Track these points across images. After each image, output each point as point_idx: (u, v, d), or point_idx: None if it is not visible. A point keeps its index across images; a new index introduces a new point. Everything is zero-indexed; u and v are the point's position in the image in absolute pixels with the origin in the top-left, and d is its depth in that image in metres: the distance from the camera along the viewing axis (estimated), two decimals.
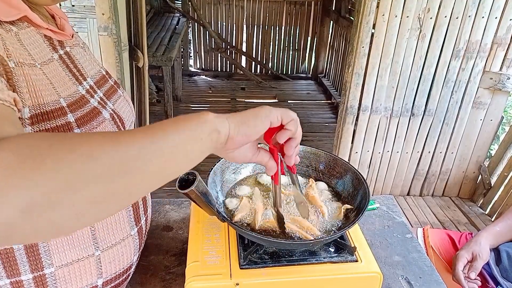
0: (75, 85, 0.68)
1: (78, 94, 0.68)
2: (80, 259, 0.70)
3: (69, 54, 0.72)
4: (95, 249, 0.71)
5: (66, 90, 0.65)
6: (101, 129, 0.69)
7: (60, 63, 0.67)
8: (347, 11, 4.31)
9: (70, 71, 0.70)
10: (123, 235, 0.76)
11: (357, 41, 2.20)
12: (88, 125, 0.66)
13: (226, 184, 0.93)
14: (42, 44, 0.64)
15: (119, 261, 0.77)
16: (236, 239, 0.83)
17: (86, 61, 0.77)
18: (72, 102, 0.65)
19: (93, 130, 0.66)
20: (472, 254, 1.25)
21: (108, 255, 0.74)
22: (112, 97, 0.81)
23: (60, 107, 0.62)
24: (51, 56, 0.65)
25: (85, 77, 0.74)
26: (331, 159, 0.95)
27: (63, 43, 0.71)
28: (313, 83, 5.25)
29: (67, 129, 0.62)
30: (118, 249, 0.76)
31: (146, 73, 2.18)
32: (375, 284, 0.79)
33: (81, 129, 0.64)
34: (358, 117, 2.42)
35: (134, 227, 0.80)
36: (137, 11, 2.07)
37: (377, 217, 1.20)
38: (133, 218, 0.79)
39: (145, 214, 0.86)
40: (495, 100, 2.41)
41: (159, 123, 0.49)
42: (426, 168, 2.63)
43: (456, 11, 2.17)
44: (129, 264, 0.81)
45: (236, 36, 5.14)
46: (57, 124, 0.61)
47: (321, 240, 0.76)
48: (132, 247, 0.80)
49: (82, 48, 0.79)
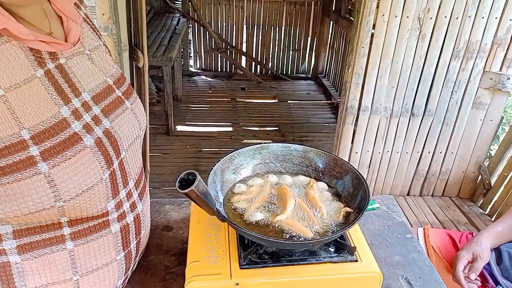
0: (57, 106, 0.62)
1: (57, 118, 0.62)
2: (57, 282, 0.67)
3: (62, 67, 0.65)
4: (73, 273, 0.68)
5: (39, 116, 0.59)
6: (77, 159, 0.62)
7: (44, 80, 0.62)
8: (347, 11, 4.31)
9: (57, 88, 0.63)
10: (107, 260, 0.73)
11: (357, 41, 2.20)
12: (58, 156, 0.60)
13: (226, 184, 0.93)
14: (23, 61, 0.59)
15: (100, 286, 0.73)
16: (236, 239, 0.83)
17: (86, 72, 0.71)
18: (42, 130, 0.59)
19: (65, 161, 0.60)
20: (473, 255, 1.25)
21: (88, 279, 0.70)
22: (113, 112, 0.74)
23: (20, 141, 0.56)
24: (32, 74, 0.60)
25: (79, 93, 0.68)
26: (331, 159, 0.96)
27: (57, 54, 0.65)
28: (313, 83, 5.25)
29: (28, 164, 0.57)
30: (99, 274, 0.72)
31: (146, 73, 2.18)
32: (375, 284, 0.79)
33: (48, 161, 0.59)
34: (358, 117, 2.41)
35: (120, 252, 0.75)
36: (137, 11, 2.07)
37: (377, 217, 1.20)
38: (121, 243, 0.75)
39: (137, 237, 0.81)
40: (495, 100, 2.41)
41: None
42: (426, 168, 2.63)
43: (456, 11, 2.17)
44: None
45: (236, 36, 5.14)
46: (15, 160, 0.56)
47: (321, 240, 0.77)
48: (116, 272, 0.76)
49: (86, 56, 0.73)
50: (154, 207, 1.19)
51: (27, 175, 0.57)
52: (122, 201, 0.75)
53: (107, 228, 0.73)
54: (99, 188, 0.67)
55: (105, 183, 0.68)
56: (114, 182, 0.71)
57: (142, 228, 0.83)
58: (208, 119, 4.07)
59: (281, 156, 0.99)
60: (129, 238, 0.78)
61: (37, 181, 0.58)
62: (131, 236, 0.78)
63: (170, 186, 2.84)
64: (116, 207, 0.73)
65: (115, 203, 0.73)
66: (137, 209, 0.80)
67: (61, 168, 0.60)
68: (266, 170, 0.98)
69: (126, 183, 0.75)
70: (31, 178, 0.57)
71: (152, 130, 3.58)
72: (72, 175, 0.61)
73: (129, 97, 0.81)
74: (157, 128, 3.73)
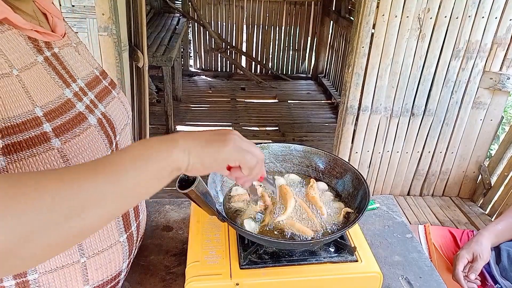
0: (61, 88, 0.67)
1: (63, 99, 0.66)
2: (65, 265, 0.68)
3: (57, 56, 0.70)
4: (80, 255, 0.70)
5: (48, 96, 0.64)
6: (85, 136, 0.67)
7: (46, 65, 0.66)
8: (347, 11, 4.31)
9: (57, 73, 0.68)
10: (111, 242, 0.75)
11: (357, 41, 2.20)
12: (69, 133, 0.64)
13: (226, 184, 0.93)
14: (25, 47, 0.63)
15: (106, 268, 0.76)
16: (236, 239, 0.83)
17: (77, 62, 0.76)
18: (52, 109, 0.63)
19: (75, 138, 0.65)
20: (473, 255, 1.25)
21: (94, 261, 0.73)
22: (105, 99, 0.79)
23: (34, 118, 0.60)
24: (35, 59, 0.64)
25: (75, 79, 0.72)
26: (331, 159, 0.95)
27: (51, 44, 0.69)
28: (313, 83, 5.25)
29: (42, 139, 0.60)
30: (105, 256, 0.74)
31: (146, 73, 2.18)
32: (375, 284, 0.79)
33: (60, 138, 0.62)
34: (358, 117, 2.42)
35: (123, 233, 0.78)
36: (137, 11, 2.07)
37: (377, 217, 1.20)
38: (122, 225, 0.78)
39: (136, 220, 0.85)
40: (495, 100, 2.41)
41: (118, 156, 0.50)
42: (426, 168, 2.63)
43: (456, 11, 2.17)
44: (118, 271, 0.79)
45: (236, 36, 5.14)
46: (31, 135, 0.59)
47: (321, 240, 0.77)
48: (120, 253, 0.78)
49: (74, 48, 0.77)
50: (154, 207, 1.19)
51: (42, 150, 0.60)
52: None
53: None
54: None
55: None
56: None
57: (140, 211, 0.88)
58: (208, 119, 4.07)
59: (281, 156, 0.99)
60: (129, 220, 0.81)
61: (52, 156, 0.61)
62: (131, 218, 0.82)
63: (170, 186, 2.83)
64: None
65: None
66: None
67: (72, 144, 0.64)
68: (266, 170, 0.98)
69: None
70: (45, 153, 0.61)
71: (152, 130, 3.58)
72: (82, 151, 0.66)
73: (114, 88, 0.87)
74: (157, 128, 3.73)
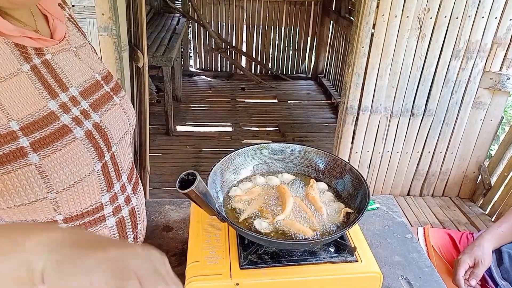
0: (44, 100, 0.64)
1: (45, 111, 0.63)
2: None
3: (48, 63, 0.67)
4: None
5: (27, 108, 0.61)
6: (67, 150, 0.64)
7: (31, 75, 0.63)
8: (347, 11, 4.31)
9: (44, 83, 0.65)
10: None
11: (357, 41, 2.20)
12: (49, 147, 0.61)
13: (226, 184, 0.93)
14: (8, 55, 0.60)
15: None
16: (236, 239, 0.83)
17: (73, 68, 0.72)
18: (31, 122, 0.60)
19: (56, 152, 0.62)
20: (475, 260, 1.23)
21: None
22: (102, 107, 0.76)
23: (9, 132, 0.57)
24: (19, 68, 0.61)
25: (66, 87, 0.69)
26: (331, 159, 0.95)
27: (42, 50, 0.67)
28: (313, 83, 5.25)
29: (19, 154, 0.58)
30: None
31: (146, 73, 2.18)
32: (375, 284, 0.79)
33: (39, 152, 0.60)
34: (358, 117, 2.41)
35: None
36: (137, 11, 2.06)
37: (377, 217, 1.20)
38: (117, 237, 0.77)
39: (134, 231, 0.83)
40: (495, 100, 2.41)
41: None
42: (426, 168, 2.63)
43: (456, 11, 2.17)
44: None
45: (236, 36, 5.14)
46: (6, 151, 0.57)
47: (321, 240, 0.76)
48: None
49: (72, 52, 0.74)
50: (154, 207, 1.19)
51: (18, 166, 0.58)
52: (116, 194, 0.77)
53: (103, 223, 0.74)
54: (91, 180, 0.69)
55: (98, 175, 0.70)
56: (107, 175, 0.73)
57: (139, 222, 0.85)
58: (208, 119, 4.07)
59: (281, 156, 0.99)
60: (125, 232, 0.79)
61: (29, 172, 0.59)
62: (128, 229, 0.80)
63: (170, 186, 2.84)
64: (110, 201, 0.75)
65: (110, 197, 0.74)
66: (132, 203, 0.82)
67: (52, 159, 0.62)
68: (266, 170, 0.98)
69: (119, 176, 0.78)
70: (22, 169, 0.59)
71: (152, 130, 3.58)
72: (64, 166, 0.63)
73: (117, 93, 0.83)
74: (157, 128, 3.73)
